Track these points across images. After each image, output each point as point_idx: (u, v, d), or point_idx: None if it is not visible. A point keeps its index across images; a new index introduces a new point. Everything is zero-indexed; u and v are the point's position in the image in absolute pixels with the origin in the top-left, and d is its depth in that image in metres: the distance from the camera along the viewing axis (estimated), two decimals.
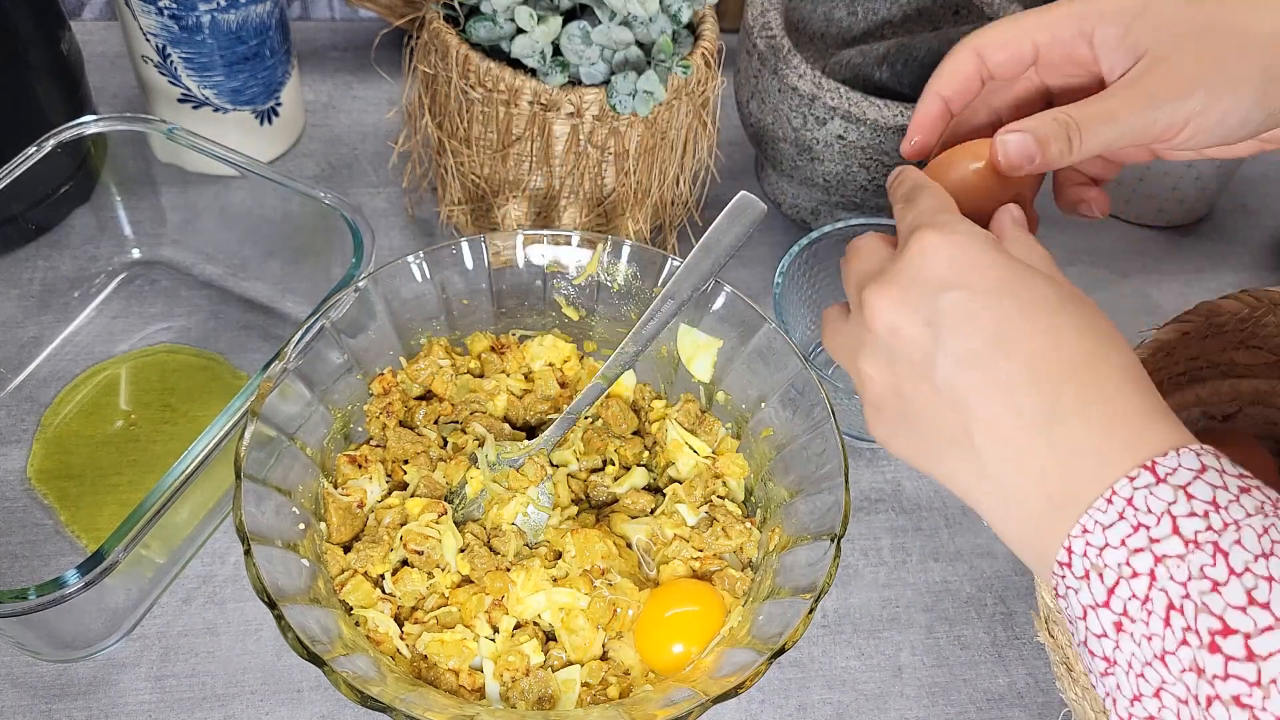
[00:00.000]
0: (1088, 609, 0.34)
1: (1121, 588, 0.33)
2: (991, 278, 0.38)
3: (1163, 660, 0.32)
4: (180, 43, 0.66)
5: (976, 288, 0.38)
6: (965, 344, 0.37)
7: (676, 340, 0.57)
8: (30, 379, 0.62)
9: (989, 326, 0.37)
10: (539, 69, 0.57)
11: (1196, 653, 0.31)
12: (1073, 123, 0.43)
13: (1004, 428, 0.36)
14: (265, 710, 0.52)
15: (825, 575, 0.44)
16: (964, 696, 0.56)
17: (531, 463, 0.52)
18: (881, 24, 0.78)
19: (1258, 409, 0.61)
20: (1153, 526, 0.33)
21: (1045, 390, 0.36)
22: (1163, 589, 0.32)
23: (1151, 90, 0.43)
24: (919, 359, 0.38)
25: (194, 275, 0.68)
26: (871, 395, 0.41)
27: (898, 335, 0.39)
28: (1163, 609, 0.32)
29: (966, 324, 0.37)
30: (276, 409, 0.48)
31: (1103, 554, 0.33)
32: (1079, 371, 0.36)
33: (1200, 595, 0.31)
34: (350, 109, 0.81)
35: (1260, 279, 0.80)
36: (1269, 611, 0.30)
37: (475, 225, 0.66)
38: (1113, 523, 0.33)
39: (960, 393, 0.37)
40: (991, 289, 0.37)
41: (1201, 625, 0.31)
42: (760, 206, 0.53)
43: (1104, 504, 0.34)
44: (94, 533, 0.56)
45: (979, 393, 0.37)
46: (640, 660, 0.49)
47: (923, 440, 0.39)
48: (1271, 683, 0.29)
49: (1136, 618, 0.32)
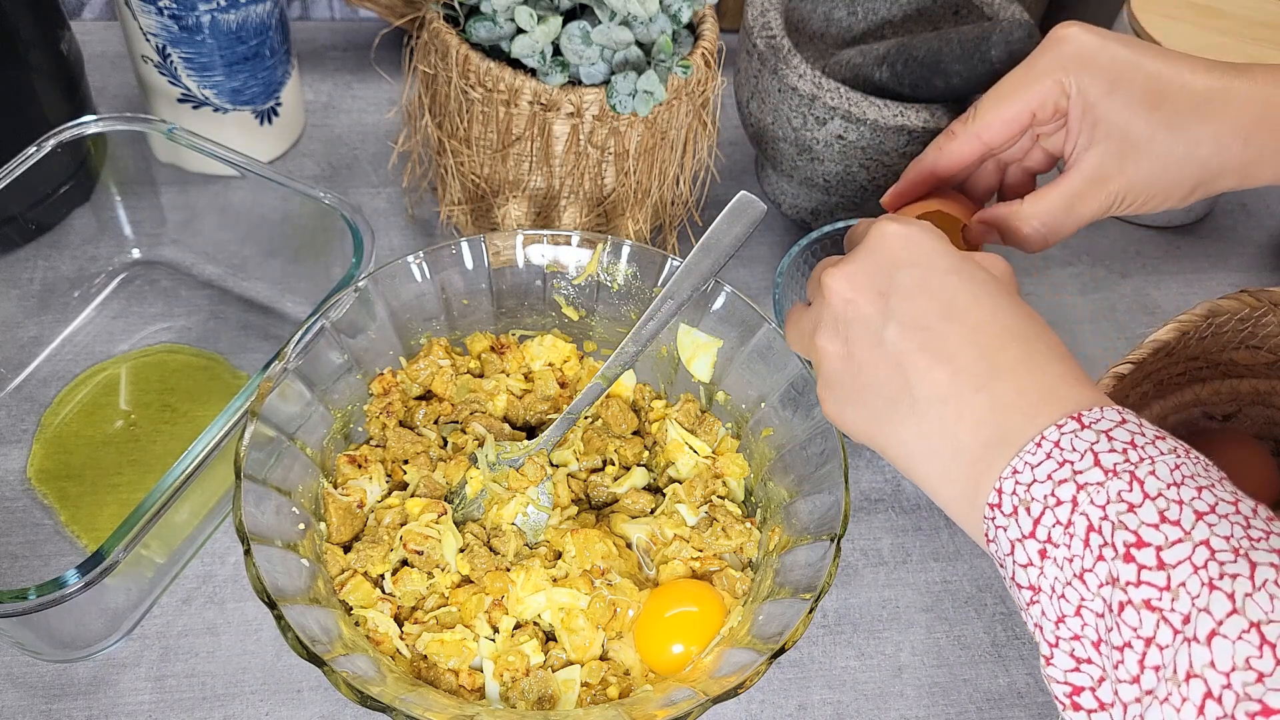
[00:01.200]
0: (1015, 542, 0.36)
1: (1046, 516, 0.35)
2: (942, 261, 0.42)
3: (1081, 578, 0.34)
4: (180, 43, 0.66)
5: (929, 266, 0.42)
6: (914, 310, 0.40)
7: (676, 340, 0.57)
8: (30, 379, 0.62)
9: (938, 297, 0.41)
10: (539, 69, 0.57)
11: (1112, 564, 0.33)
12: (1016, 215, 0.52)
13: (944, 384, 0.39)
14: (265, 710, 0.52)
15: (825, 575, 0.44)
16: (964, 696, 0.56)
17: (531, 463, 0.52)
18: (881, 24, 0.78)
19: (1258, 409, 0.61)
20: (1076, 462, 0.35)
21: (985, 352, 0.39)
22: (1083, 513, 0.34)
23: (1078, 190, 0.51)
24: (871, 325, 0.41)
25: (194, 275, 0.68)
26: (826, 369, 0.44)
27: (851, 305, 0.42)
28: (1083, 530, 0.34)
29: (918, 294, 0.41)
30: (276, 409, 0.48)
31: (1030, 489, 0.36)
32: (1015, 341, 0.40)
33: (1117, 515, 0.34)
34: (350, 109, 0.81)
35: (1260, 279, 0.80)
36: (1179, 527, 0.33)
37: (475, 225, 0.66)
38: (1040, 461, 0.36)
39: (906, 354, 0.40)
40: (942, 268, 0.41)
41: (1118, 539, 0.33)
42: (760, 206, 0.53)
43: (1033, 447, 0.37)
44: (94, 533, 0.56)
45: (923, 352, 0.40)
46: (640, 660, 0.49)
47: (869, 405, 0.42)
48: (1180, 585, 0.32)
49: (1059, 542, 0.35)
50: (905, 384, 0.40)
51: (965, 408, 0.39)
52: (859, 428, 0.43)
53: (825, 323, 0.43)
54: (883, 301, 0.41)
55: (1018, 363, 0.39)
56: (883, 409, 0.41)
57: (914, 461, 0.41)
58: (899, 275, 0.41)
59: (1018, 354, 0.39)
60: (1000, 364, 0.39)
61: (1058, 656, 0.35)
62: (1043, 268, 0.78)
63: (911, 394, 0.40)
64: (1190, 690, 0.30)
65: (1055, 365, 0.39)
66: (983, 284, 0.41)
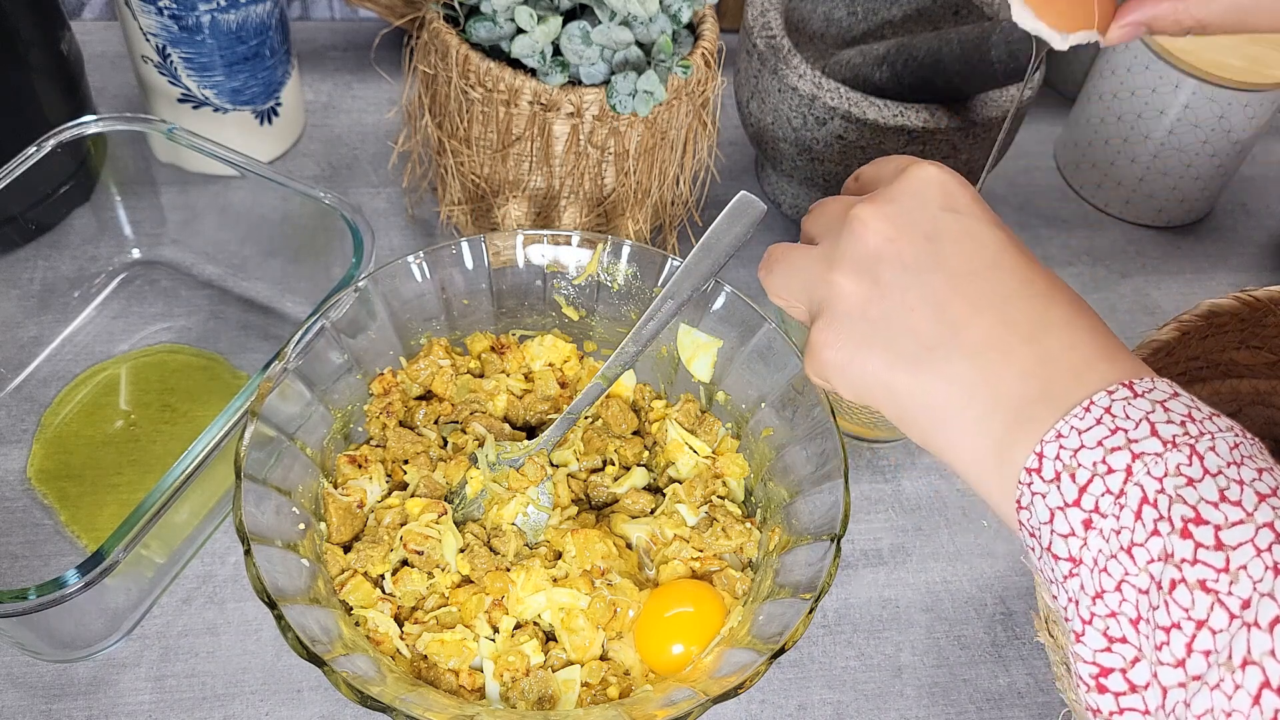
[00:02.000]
0: (1055, 511, 0.34)
1: (1095, 484, 0.33)
2: (986, 214, 0.40)
3: (1129, 552, 0.32)
4: (180, 43, 0.66)
5: (974, 216, 0.40)
6: (963, 257, 0.39)
7: (676, 340, 0.57)
8: (30, 379, 0.62)
9: (987, 247, 0.39)
10: (539, 69, 0.57)
11: (1167, 539, 0.31)
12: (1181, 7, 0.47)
13: (992, 330, 0.37)
14: (265, 710, 0.52)
15: (825, 575, 0.44)
16: (964, 696, 0.56)
17: (531, 463, 0.52)
18: (881, 24, 0.78)
19: (1258, 409, 0.61)
20: (1130, 430, 0.33)
21: (1034, 303, 0.38)
22: (1138, 483, 0.32)
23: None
24: (914, 268, 0.39)
25: (194, 275, 0.68)
26: (841, 310, 0.40)
27: (893, 245, 0.39)
28: (1136, 502, 0.32)
29: (967, 242, 0.39)
30: (276, 409, 0.48)
31: (1077, 455, 0.34)
32: (1062, 301, 0.38)
33: (1175, 489, 0.32)
34: (350, 109, 0.81)
35: (1260, 279, 0.80)
36: (1240, 508, 0.31)
37: (475, 225, 0.66)
38: (1090, 427, 0.34)
39: (952, 300, 0.38)
40: (988, 221, 0.40)
41: (1175, 514, 0.31)
42: (760, 206, 0.53)
43: (1081, 411, 0.34)
44: (94, 533, 0.56)
45: (971, 299, 0.38)
46: (640, 660, 0.49)
47: (895, 350, 0.39)
48: (1241, 569, 0.30)
49: (1108, 512, 0.33)
50: (948, 329, 0.38)
51: (1013, 358, 0.36)
52: (874, 377, 0.39)
53: (849, 259, 0.40)
54: (929, 245, 0.39)
55: (1067, 321, 0.37)
56: (913, 355, 0.38)
57: (942, 412, 0.38)
58: (945, 220, 0.39)
59: (1066, 313, 0.37)
60: (1050, 320, 0.37)
61: (1089, 634, 0.34)
62: None
63: (954, 340, 0.37)
64: (1245, 678, 0.29)
65: (1101, 332, 0.37)
66: (1022, 246, 0.40)
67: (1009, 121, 0.57)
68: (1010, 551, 0.62)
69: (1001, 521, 0.53)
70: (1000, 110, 0.64)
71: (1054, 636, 0.50)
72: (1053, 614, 0.48)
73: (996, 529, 0.63)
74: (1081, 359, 0.36)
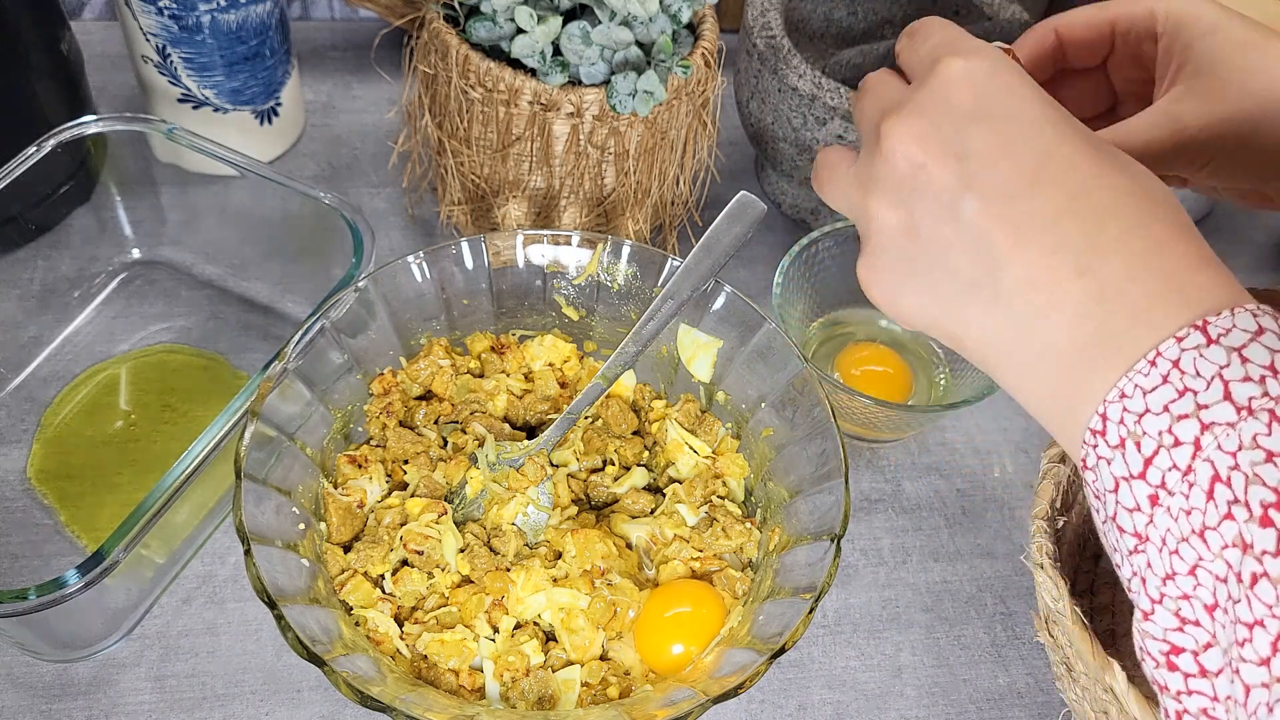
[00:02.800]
0: (1120, 480, 0.31)
1: (1161, 457, 0.29)
2: (1028, 108, 0.34)
3: (1201, 535, 0.29)
4: (180, 43, 0.66)
5: (1012, 117, 0.34)
6: (998, 178, 0.33)
7: (676, 340, 0.57)
8: (30, 379, 0.62)
9: (1027, 158, 0.33)
10: (539, 69, 0.57)
11: (1243, 527, 0.28)
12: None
13: (1038, 264, 0.32)
14: (265, 710, 0.52)
15: (825, 575, 0.44)
16: (964, 696, 0.56)
17: (531, 463, 0.52)
18: (881, 24, 0.78)
19: None
20: (1201, 391, 0.29)
21: (1087, 222, 0.32)
22: (1208, 459, 0.29)
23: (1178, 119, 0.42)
24: (945, 197, 0.34)
25: (194, 275, 0.68)
26: (879, 241, 0.37)
27: (923, 170, 0.35)
28: (1206, 480, 0.29)
29: (1001, 156, 0.34)
30: (276, 409, 0.48)
31: (1141, 420, 0.30)
32: (1124, 208, 0.32)
33: (1252, 466, 0.28)
34: (350, 109, 0.81)
35: (1260, 279, 0.80)
36: None
37: (475, 225, 0.66)
38: (1155, 386, 0.30)
39: (988, 231, 0.33)
40: (1029, 118, 0.34)
41: (1253, 498, 0.28)
42: (760, 206, 0.53)
43: (1146, 366, 0.30)
44: (94, 533, 0.56)
45: (1011, 228, 0.33)
46: (640, 660, 0.49)
47: (937, 288, 0.35)
48: None
49: (1175, 490, 0.29)
50: (988, 265, 0.33)
51: (1063, 296, 0.32)
52: (921, 312, 0.36)
53: (883, 185, 0.36)
54: (958, 165, 0.34)
55: (1129, 236, 0.32)
56: (957, 293, 0.34)
57: (997, 355, 0.34)
58: (975, 131, 0.34)
59: (1128, 225, 0.32)
60: (1105, 238, 0.32)
61: (1159, 614, 0.30)
62: None
63: (995, 277, 0.33)
64: None
65: (1177, 241, 0.32)
66: (1082, 137, 0.34)
67: None
68: (1010, 551, 0.62)
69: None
70: None
71: (1054, 636, 0.50)
72: (1053, 614, 0.48)
73: (996, 529, 0.63)
74: (1144, 294, 0.31)
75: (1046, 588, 0.47)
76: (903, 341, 0.67)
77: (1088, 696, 0.48)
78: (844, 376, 0.64)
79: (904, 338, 0.67)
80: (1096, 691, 0.46)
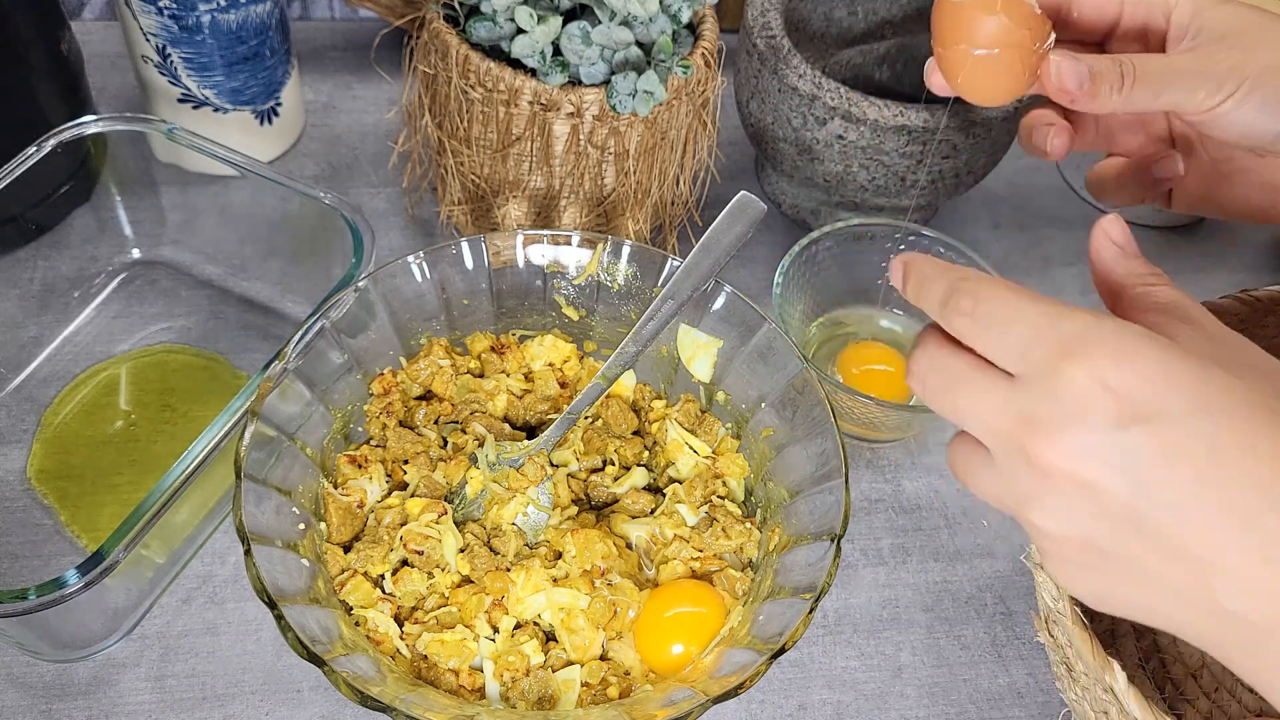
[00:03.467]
0: None
1: None
2: (1177, 397, 0.31)
3: None
4: (180, 43, 0.66)
5: (1165, 415, 0.31)
6: (1174, 487, 0.31)
7: (676, 340, 0.57)
8: (30, 379, 0.62)
9: (1198, 457, 0.31)
10: (539, 69, 0.57)
11: None
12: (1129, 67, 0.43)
13: (1243, 565, 0.30)
14: (265, 710, 0.52)
15: (825, 575, 0.44)
16: (964, 696, 0.56)
17: (531, 463, 0.52)
18: (881, 24, 0.78)
19: None
20: None
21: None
22: None
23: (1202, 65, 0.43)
24: (1120, 513, 0.32)
25: (194, 275, 0.68)
26: (1056, 550, 0.34)
27: (1089, 489, 0.32)
28: None
29: (1167, 462, 0.31)
30: (276, 409, 0.48)
31: None
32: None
33: None
34: (350, 109, 0.81)
35: (1260, 279, 0.80)
36: None
37: (475, 225, 0.66)
38: None
39: (1183, 542, 0.31)
40: (1183, 410, 0.31)
41: None
42: (760, 206, 0.53)
43: None
44: (94, 533, 0.56)
45: (1207, 538, 0.31)
46: (640, 660, 0.49)
47: (1131, 591, 0.33)
48: None
49: None
50: (1191, 576, 0.31)
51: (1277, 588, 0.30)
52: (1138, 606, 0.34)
53: (1046, 499, 0.33)
54: (1127, 480, 0.31)
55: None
56: (1159, 597, 0.33)
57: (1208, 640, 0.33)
58: (1132, 439, 0.31)
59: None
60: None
61: None
62: (1042, 268, 0.78)
63: (1202, 586, 0.31)
64: None
65: None
66: (1242, 405, 0.31)
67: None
68: (1010, 551, 0.62)
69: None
70: (1001, 110, 0.64)
71: (1054, 636, 0.50)
72: (1053, 614, 0.48)
73: (996, 529, 0.63)
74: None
75: (1046, 587, 0.47)
76: (903, 341, 0.67)
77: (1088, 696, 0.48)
78: (844, 376, 0.64)
79: (904, 338, 0.67)
80: (1096, 691, 0.46)
